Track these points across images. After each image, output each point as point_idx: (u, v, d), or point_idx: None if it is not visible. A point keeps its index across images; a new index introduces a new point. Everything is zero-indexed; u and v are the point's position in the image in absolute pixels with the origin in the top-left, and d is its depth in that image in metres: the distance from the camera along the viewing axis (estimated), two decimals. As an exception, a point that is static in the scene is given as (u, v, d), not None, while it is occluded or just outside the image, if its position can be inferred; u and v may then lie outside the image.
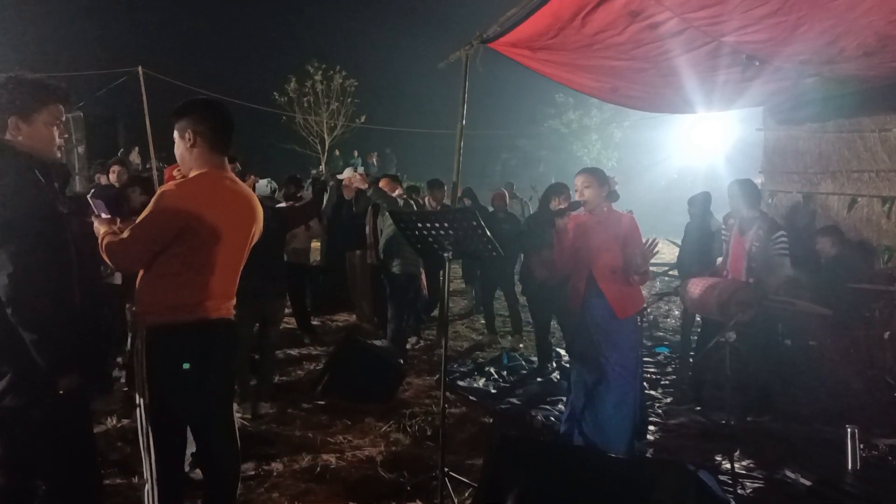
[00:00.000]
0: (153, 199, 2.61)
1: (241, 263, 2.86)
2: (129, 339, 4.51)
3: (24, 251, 2.19)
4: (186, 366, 2.56)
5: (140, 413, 2.61)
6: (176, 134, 2.75)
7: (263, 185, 9.73)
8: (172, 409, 2.62)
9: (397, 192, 6.62)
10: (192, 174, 2.73)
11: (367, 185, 6.33)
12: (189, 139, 2.70)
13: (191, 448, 2.90)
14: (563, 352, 6.61)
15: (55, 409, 2.34)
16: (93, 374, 2.53)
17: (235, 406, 3.60)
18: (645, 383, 5.54)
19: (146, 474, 2.61)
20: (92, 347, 2.58)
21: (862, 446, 4.11)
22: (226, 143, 2.80)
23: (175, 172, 3.06)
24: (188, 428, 2.77)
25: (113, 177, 6.40)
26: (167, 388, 2.58)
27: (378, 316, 7.66)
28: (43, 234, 2.25)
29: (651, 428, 4.87)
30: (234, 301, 2.85)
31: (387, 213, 6.30)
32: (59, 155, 2.56)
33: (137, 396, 2.61)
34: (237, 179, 2.89)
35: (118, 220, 2.77)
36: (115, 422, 4.57)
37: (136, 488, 3.63)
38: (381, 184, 6.63)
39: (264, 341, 5.24)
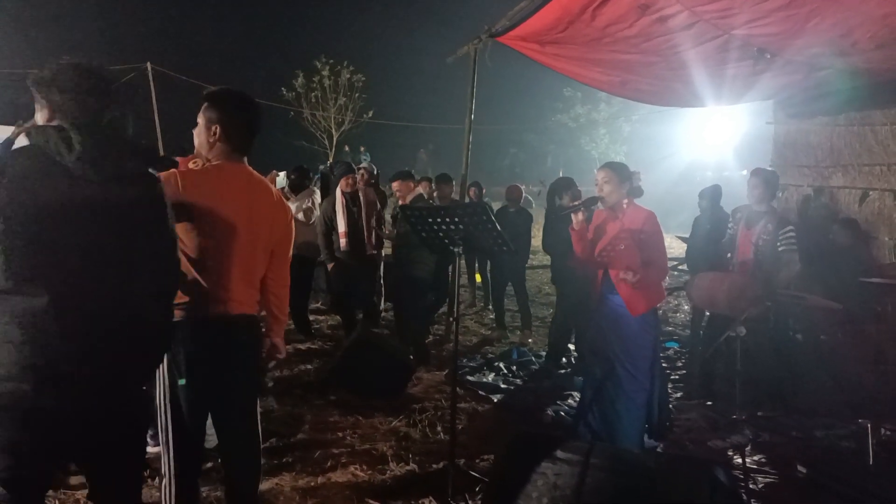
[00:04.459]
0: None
1: (263, 258, 2.78)
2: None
3: None
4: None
5: (159, 408, 2.61)
6: (201, 120, 2.65)
7: (282, 179, 9.58)
8: (191, 406, 2.60)
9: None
10: (208, 164, 2.68)
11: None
12: (214, 133, 2.62)
13: (211, 444, 2.91)
14: (572, 347, 6.61)
15: None
16: None
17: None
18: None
19: (163, 469, 2.61)
20: None
21: (874, 441, 4.09)
22: (249, 147, 2.75)
23: (192, 164, 3.03)
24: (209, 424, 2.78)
25: None
26: (186, 385, 2.55)
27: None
28: None
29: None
30: (258, 297, 2.79)
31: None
32: None
33: (157, 392, 2.60)
34: (255, 172, 2.82)
35: None
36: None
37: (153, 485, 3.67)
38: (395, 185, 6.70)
39: None
